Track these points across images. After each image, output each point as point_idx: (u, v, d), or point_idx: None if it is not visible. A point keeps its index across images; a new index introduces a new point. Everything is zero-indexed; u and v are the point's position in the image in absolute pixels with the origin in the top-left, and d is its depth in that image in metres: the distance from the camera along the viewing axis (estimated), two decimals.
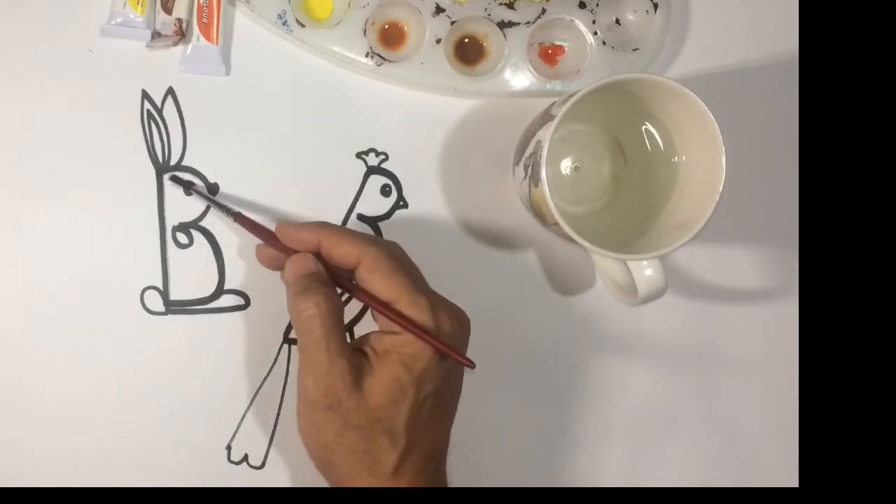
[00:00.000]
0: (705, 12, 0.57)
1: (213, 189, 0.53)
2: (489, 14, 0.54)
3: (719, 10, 0.57)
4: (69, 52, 0.52)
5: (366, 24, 0.54)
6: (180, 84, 0.53)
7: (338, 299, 0.47)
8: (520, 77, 0.55)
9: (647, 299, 0.49)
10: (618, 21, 0.56)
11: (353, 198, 0.55)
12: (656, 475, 0.57)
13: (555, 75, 0.55)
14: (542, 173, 0.47)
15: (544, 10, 0.54)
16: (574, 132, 0.55)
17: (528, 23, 0.54)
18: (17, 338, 0.52)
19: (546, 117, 0.49)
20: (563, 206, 0.53)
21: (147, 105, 0.53)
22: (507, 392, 0.56)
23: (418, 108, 0.55)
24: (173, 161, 0.53)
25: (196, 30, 0.53)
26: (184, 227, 0.53)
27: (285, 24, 0.53)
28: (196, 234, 0.53)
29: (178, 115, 0.53)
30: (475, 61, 0.55)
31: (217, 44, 0.53)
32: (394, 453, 0.45)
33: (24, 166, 0.52)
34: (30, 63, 0.52)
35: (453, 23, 0.54)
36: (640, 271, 0.48)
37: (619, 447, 0.57)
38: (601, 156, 0.55)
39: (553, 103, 0.50)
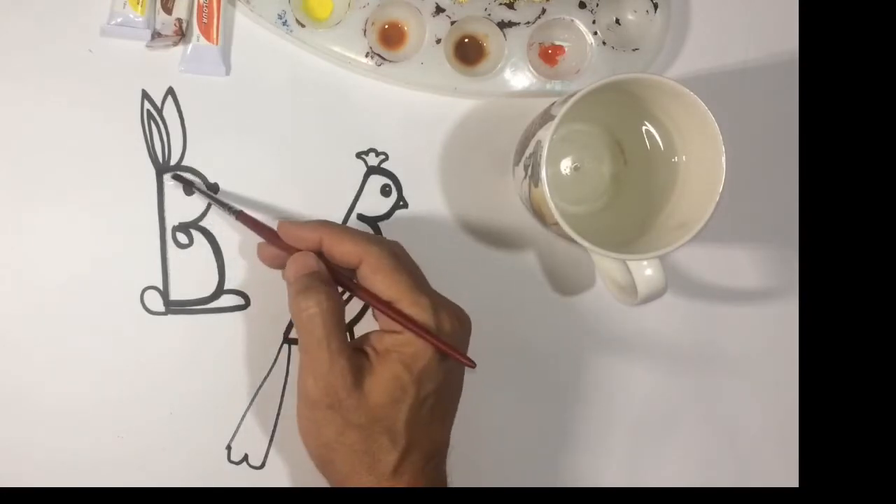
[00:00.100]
0: (705, 12, 0.57)
1: (213, 189, 0.53)
2: (489, 14, 0.54)
3: (719, 10, 0.57)
4: (69, 52, 0.52)
5: (366, 24, 0.54)
6: (180, 84, 0.53)
7: (339, 298, 0.47)
8: (520, 77, 0.55)
9: (647, 299, 0.49)
10: (618, 21, 0.56)
11: (353, 198, 0.55)
12: (656, 475, 0.57)
13: (555, 75, 0.55)
14: (542, 173, 0.47)
15: (544, 10, 0.54)
16: (574, 132, 0.55)
17: (528, 23, 0.54)
18: (17, 338, 0.52)
19: (546, 117, 0.49)
20: (563, 206, 0.53)
21: (147, 105, 0.53)
22: (507, 392, 0.56)
23: (418, 108, 0.55)
24: (173, 161, 0.53)
25: (196, 30, 0.53)
26: (184, 227, 0.53)
27: (285, 24, 0.53)
28: (196, 234, 0.53)
29: (178, 115, 0.53)
30: (475, 61, 0.55)
31: (217, 44, 0.53)
32: (394, 453, 0.45)
33: (24, 166, 0.52)
34: (30, 63, 0.52)
35: (453, 23, 0.54)
36: (640, 271, 0.48)
37: (619, 447, 0.57)
38: (601, 156, 0.55)
39: (553, 103, 0.50)
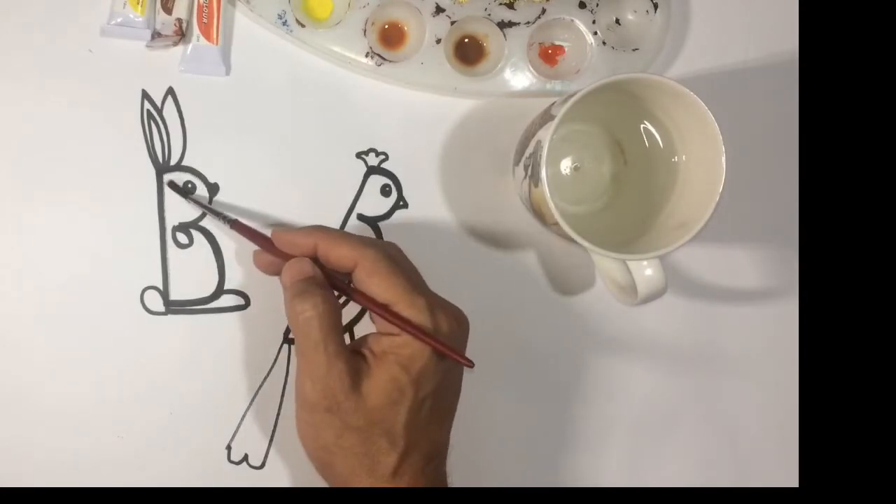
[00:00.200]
0: (705, 12, 0.57)
1: (213, 189, 0.53)
2: (489, 14, 0.54)
3: (719, 10, 0.57)
4: (69, 52, 0.52)
5: (366, 24, 0.54)
6: (180, 84, 0.53)
7: (335, 301, 0.47)
8: (520, 77, 0.55)
9: (647, 299, 0.49)
10: (618, 21, 0.56)
11: (353, 198, 0.55)
12: (656, 475, 0.57)
13: (555, 75, 0.55)
14: (542, 173, 0.47)
15: (544, 10, 0.54)
16: (574, 132, 0.55)
17: (528, 23, 0.54)
18: (17, 338, 0.52)
19: (546, 117, 0.49)
20: (563, 206, 0.53)
21: (147, 105, 0.53)
22: (507, 392, 0.56)
23: (418, 108, 0.55)
24: (173, 161, 0.53)
25: (196, 30, 0.53)
26: (184, 227, 0.53)
27: (285, 24, 0.53)
28: (196, 234, 0.53)
29: (178, 115, 0.53)
30: (475, 61, 0.55)
31: (217, 44, 0.53)
32: (393, 455, 0.45)
33: (24, 166, 0.52)
34: (30, 63, 0.52)
35: (453, 23, 0.54)
36: (640, 271, 0.48)
37: (619, 447, 0.57)
38: (601, 156, 0.55)
39: (553, 103, 0.50)
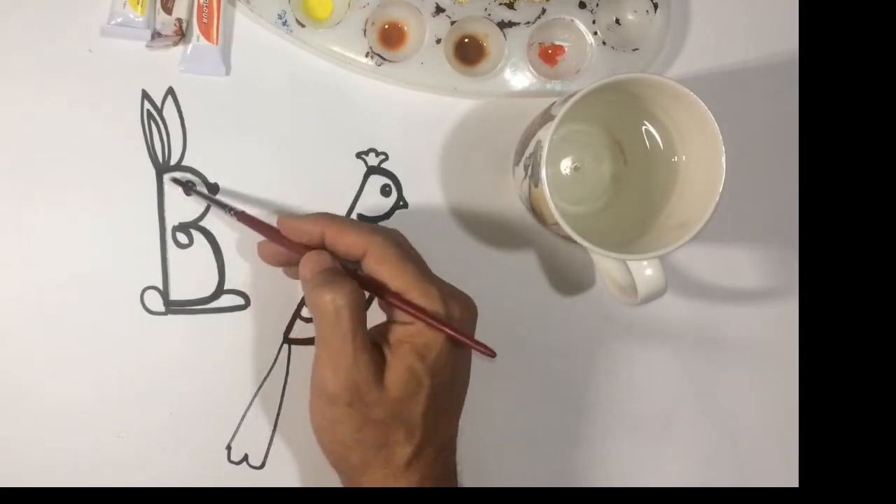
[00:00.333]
0: (705, 12, 0.57)
1: (213, 189, 0.53)
2: (489, 14, 0.54)
3: (719, 10, 0.57)
4: (69, 52, 0.52)
5: (366, 24, 0.54)
6: (180, 84, 0.53)
7: (362, 291, 0.46)
8: (520, 77, 0.55)
9: (647, 299, 0.49)
10: (618, 21, 0.56)
11: (353, 198, 0.55)
12: (656, 475, 0.57)
13: (555, 75, 0.55)
14: (542, 173, 0.47)
15: (544, 10, 0.54)
16: (574, 132, 0.55)
17: (528, 23, 0.54)
18: (17, 338, 0.52)
19: (546, 117, 0.49)
20: (563, 206, 0.53)
21: (147, 105, 0.53)
22: (507, 392, 0.56)
23: (418, 108, 0.55)
24: (173, 161, 0.53)
25: (196, 30, 0.53)
26: (184, 227, 0.53)
27: (285, 24, 0.53)
28: (196, 234, 0.53)
29: (178, 115, 0.53)
30: (475, 61, 0.55)
31: (217, 44, 0.53)
32: (409, 446, 0.45)
33: (24, 166, 0.52)
34: (30, 63, 0.52)
35: (453, 23, 0.54)
36: (640, 271, 0.48)
37: (619, 447, 0.57)
38: (601, 156, 0.55)
39: (553, 103, 0.50)
